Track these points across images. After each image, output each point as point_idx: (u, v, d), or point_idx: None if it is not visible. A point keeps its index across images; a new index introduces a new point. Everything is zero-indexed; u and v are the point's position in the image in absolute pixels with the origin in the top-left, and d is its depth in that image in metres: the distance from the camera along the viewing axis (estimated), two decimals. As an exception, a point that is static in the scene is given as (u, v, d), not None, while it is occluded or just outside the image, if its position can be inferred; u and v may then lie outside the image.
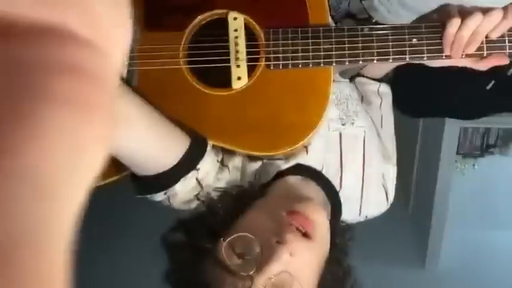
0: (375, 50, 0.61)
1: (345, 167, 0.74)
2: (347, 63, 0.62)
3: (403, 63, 0.67)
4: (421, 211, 2.12)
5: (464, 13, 0.59)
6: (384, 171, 0.78)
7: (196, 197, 0.67)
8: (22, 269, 0.12)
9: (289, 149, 0.65)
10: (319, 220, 0.60)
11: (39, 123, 0.13)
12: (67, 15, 0.14)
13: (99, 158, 0.15)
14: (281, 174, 0.70)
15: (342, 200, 0.73)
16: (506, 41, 0.60)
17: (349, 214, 0.75)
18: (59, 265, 0.13)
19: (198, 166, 0.64)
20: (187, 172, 0.63)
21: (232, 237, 0.56)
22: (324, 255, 0.61)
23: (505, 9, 0.58)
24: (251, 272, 0.54)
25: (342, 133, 0.75)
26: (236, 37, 0.63)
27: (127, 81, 0.67)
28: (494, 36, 0.60)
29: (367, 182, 0.75)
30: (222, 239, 0.57)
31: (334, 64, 0.62)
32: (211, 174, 0.67)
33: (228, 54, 0.64)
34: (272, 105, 0.64)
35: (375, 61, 0.62)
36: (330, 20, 0.64)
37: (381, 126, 0.81)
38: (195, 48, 0.68)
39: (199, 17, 0.66)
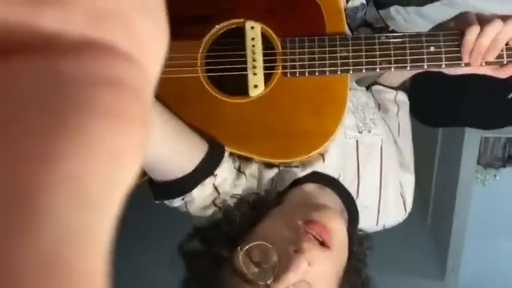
0: (392, 58, 0.61)
1: (362, 175, 0.73)
2: (364, 71, 0.62)
3: (420, 71, 0.66)
4: (440, 222, 2.08)
5: (483, 21, 0.59)
6: (402, 179, 0.78)
7: (213, 203, 0.67)
8: (65, 276, 0.12)
9: (305, 157, 0.65)
10: (337, 228, 0.59)
11: (80, 134, 0.13)
12: (107, 28, 0.15)
13: (134, 168, 0.15)
14: (298, 182, 0.70)
15: (359, 209, 0.72)
16: None
17: (366, 223, 0.74)
18: (98, 274, 0.14)
19: (215, 172, 0.64)
20: (205, 178, 0.63)
21: (249, 245, 0.56)
22: (342, 265, 0.60)
23: None
24: (269, 281, 0.53)
25: (358, 141, 0.74)
26: (253, 45, 0.64)
27: None
28: None
29: (384, 191, 0.75)
30: (239, 247, 0.56)
31: (351, 72, 0.62)
32: (228, 181, 0.67)
33: (245, 62, 0.65)
34: (288, 113, 0.65)
35: (392, 69, 0.62)
36: (346, 28, 0.64)
37: (398, 134, 0.80)
38: (212, 56, 0.69)
39: (217, 26, 0.67)
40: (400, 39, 0.61)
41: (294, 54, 0.63)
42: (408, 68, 0.61)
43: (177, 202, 0.66)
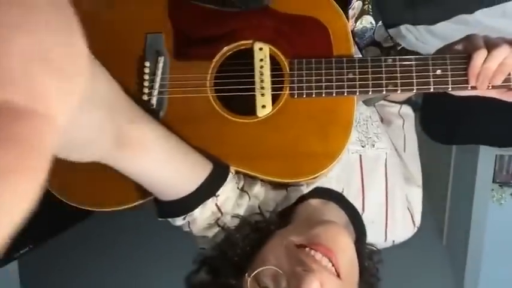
0: (399, 81, 0.62)
1: (367, 189, 0.73)
2: (370, 93, 0.63)
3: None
4: (456, 243, 2.04)
5: (491, 44, 0.59)
6: (408, 193, 0.77)
7: (217, 223, 0.66)
8: None
9: (311, 177, 0.65)
10: (343, 244, 0.57)
11: None
12: (5, 91, 0.16)
13: (19, 213, 0.18)
14: (302, 198, 0.70)
15: (365, 223, 0.71)
16: None
17: (374, 239, 0.73)
18: None
19: (217, 193, 0.65)
20: (207, 198, 0.64)
21: (256, 271, 0.54)
22: (355, 281, 0.58)
23: None
24: None
25: (362, 155, 0.74)
26: (261, 67, 0.65)
27: (157, 107, 0.70)
28: None
29: (391, 205, 0.74)
30: (246, 274, 0.55)
31: (357, 94, 0.63)
32: (231, 200, 0.67)
33: (253, 83, 0.66)
34: (295, 134, 0.65)
35: (398, 91, 0.62)
36: (354, 49, 0.65)
37: (404, 148, 0.81)
38: (222, 77, 0.70)
39: (225, 47, 0.69)
40: (406, 62, 0.62)
41: (301, 76, 0.64)
42: (415, 91, 0.62)
43: (179, 221, 0.66)
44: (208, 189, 0.63)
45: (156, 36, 0.70)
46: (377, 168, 0.75)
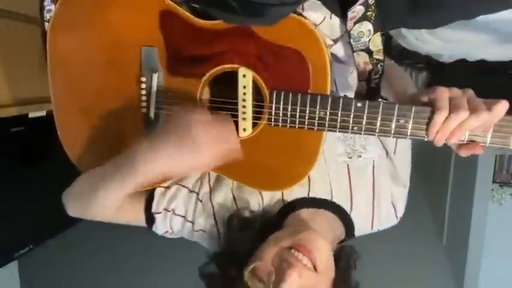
0: (363, 125, 0.67)
1: (354, 192, 0.85)
2: (337, 132, 0.69)
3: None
4: (456, 243, 2.04)
5: (453, 105, 0.62)
6: (393, 191, 0.88)
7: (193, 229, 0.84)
8: None
9: (279, 190, 0.81)
10: (321, 249, 0.71)
11: None
12: None
13: None
14: (294, 207, 0.82)
15: (354, 219, 0.86)
16: (489, 135, 0.63)
17: (362, 229, 0.88)
18: None
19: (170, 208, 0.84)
20: (152, 216, 0.84)
21: (252, 265, 0.70)
22: (329, 276, 0.73)
23: (489, 104, 0.61)
24: None
25: (349, 165, 0.85)
26: (244, 94, 0.71)
27: (155, 120, 0.77)
28: (478, 130, 0.63)
29: (377, 200, 0.86)
30: (245, 268, 0.70)
31: (326, 131, 0.69)
32: (190, 210, 0.84)
33: (237, 109, 0.72)
34: (269, 155, 0.75)
35: (362, 133, 0.68)
36: (329, 88, 0.69)
37: (394, 150, 0.88)
38: (212, 95, 0.76)
39: (214, 69, 0.72)
40: (374, 109, 0.66)
41: (278, 108, 0.70)
42: (376, 135, 0.68)
43: (157, 230, 0.86)
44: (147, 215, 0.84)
45: (151, 50, 0.74)
46: (364, 175, 0.85)
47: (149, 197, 0.85)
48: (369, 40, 0.70)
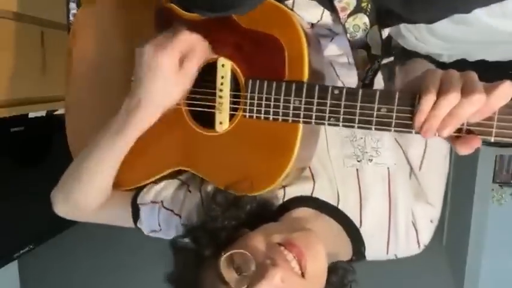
0: (341, 116, 0.58)
1: (365, 203, 0.72)
2: (313, 123, 0.61)
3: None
4: (456, 243, 2.04)
5: (444, 87, 0.49)
6: (414, 208, 0.73)
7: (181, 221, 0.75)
8: None
9: (256, 193, 0.69)
10: (315, 253, 0.61)
11: None
12: None
13: None
14: (293, 204, 0.72)
15: (364, 237, 0.72)
16: (494, 126, 0.49)
17: (375, 252, 0.74)
18: None
19: (159, 199, 0.78)
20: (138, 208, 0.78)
21: (231, 252, 0.60)
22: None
23: (489, 88, 0.48)
24: (243, 287, 0.58)
25: (358, 169, 0.73)
26: (222, 84, 0.67)
27: None
28: (473, 120, 0.50)
29: (393, 219, 0.72)
30: (223, 252, 0.60)
31: (301, 123, 0.62)
32: (179, 199, 0.77)
33: (215, 100, 0.68)
34: (246, 151, 0.68)
35: (340, 125, 0.59)
36: (307, 76, 0.62)
37: (420, 166, 0.74)
38: (194, 89, 0.73)
39: None
40: (352, 96, 0.57)
41: (253, 98, 0.65)
42: (356, 127, 0.58)
43: (143, 229, 0.79)
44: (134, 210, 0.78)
45: None
46: (377, 183, 0.72)
47: (138, 190, 0.79)
48: (366, 34, 0.66)
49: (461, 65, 1.28)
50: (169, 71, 0.63)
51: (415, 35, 1.22)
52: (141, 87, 0.64)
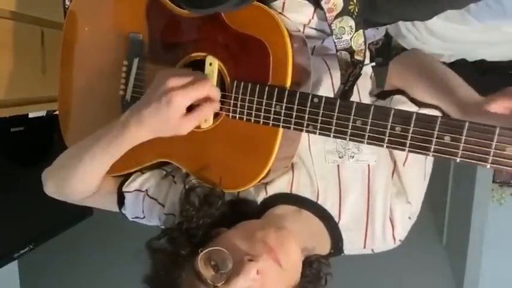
0: (318, 124, 0.61)
1: (344, 198, 0.74)
2: (292, 129, 0.63)
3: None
4: (456, 242, 2.04)
5: None
6: (393, 205, 0.75)
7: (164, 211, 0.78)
8: None
9: (232, 191, 0.72)
10: (291, 250, 0.65)
11: None
12: None
13: None
14: (274, 202, 0.75)
15: (342, 231, 0.75)
16: None
17: (353, 246, 0.77)
18: None
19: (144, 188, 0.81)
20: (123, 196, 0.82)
21: (209, 249, 0.62)
22: (292, 283, 0.66)
23: None
24: (219, 284, 0.60)
25: (339, 165, 0.75)
26: None
27: (131, 102, 0.77)
28: None
29: (371, 216, 0.74)
30: (200, 249, 0.62)
31: (281, 127, 0.65)
32: (163, 189, 0.80)
33: None
34: (228, 149, 0.70)
35: (317, 133, 0.61)
36: (289, 83, 0.64)
37: (404, 161, 0.75)
38: None
39: (184, 58, 0.73)
40: (330, 106, 0.60)
41: (236, 99, 0.67)
42: (332, 137, 0.61)
43: (127, 214, 0.83)
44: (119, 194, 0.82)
45: (136, 36, 0.78)
46: (356, 179, 0.74)
47: (124, 178, 0.82)
48: (351, 38, 0.67)
49: (461, 65, 1.28)
50: (176, 113, 0.64)
51: (415, 35, 1.23)
52: (147, 109, 0.65)
